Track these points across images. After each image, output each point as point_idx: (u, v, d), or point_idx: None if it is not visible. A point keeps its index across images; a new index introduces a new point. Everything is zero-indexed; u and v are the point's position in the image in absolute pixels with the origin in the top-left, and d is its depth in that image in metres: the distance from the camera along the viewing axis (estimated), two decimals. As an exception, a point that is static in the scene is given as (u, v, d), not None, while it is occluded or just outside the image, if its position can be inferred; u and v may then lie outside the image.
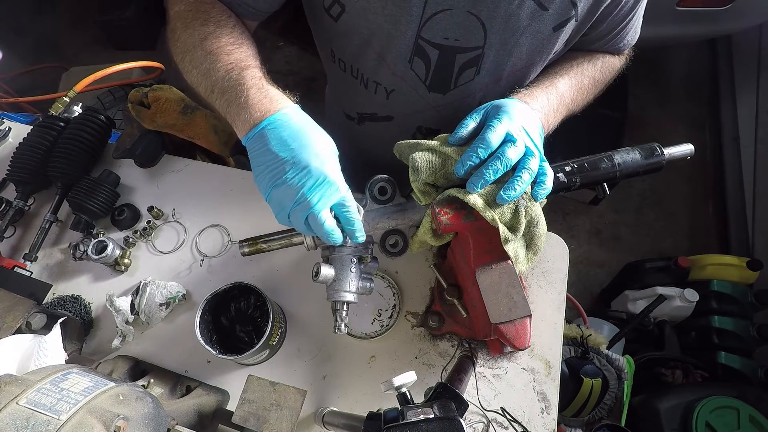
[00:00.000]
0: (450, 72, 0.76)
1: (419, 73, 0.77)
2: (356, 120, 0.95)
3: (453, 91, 0.79)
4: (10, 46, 2.26)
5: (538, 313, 0.80)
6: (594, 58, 0.83)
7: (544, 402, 0.76)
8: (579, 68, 0.80)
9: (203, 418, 0.70)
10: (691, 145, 0.73)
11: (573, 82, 0.78)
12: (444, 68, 0.75)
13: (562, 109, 0.76)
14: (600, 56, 0.84)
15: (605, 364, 1.31)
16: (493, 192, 0.60)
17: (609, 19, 0.74)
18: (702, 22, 1.93)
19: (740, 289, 1.72)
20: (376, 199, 0.68)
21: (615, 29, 0.77)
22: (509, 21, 0.67)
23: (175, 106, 1.01)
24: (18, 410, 0.44)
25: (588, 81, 0.81)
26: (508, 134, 0.61)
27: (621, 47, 0.83)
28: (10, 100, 1.80)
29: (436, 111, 0.85)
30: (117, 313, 0.82)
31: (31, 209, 1.02)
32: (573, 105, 0.79)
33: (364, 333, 0.81)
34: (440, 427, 0.51)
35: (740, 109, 2.26)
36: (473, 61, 0.74)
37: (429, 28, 0.69)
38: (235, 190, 0.99)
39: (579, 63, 0.81)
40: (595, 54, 0.83)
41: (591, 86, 0.82)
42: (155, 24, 3.06)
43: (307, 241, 0.67)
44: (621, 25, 0.77)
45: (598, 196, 0.78)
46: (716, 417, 1.34)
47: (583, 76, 0.80)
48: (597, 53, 0.84)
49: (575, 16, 0.68)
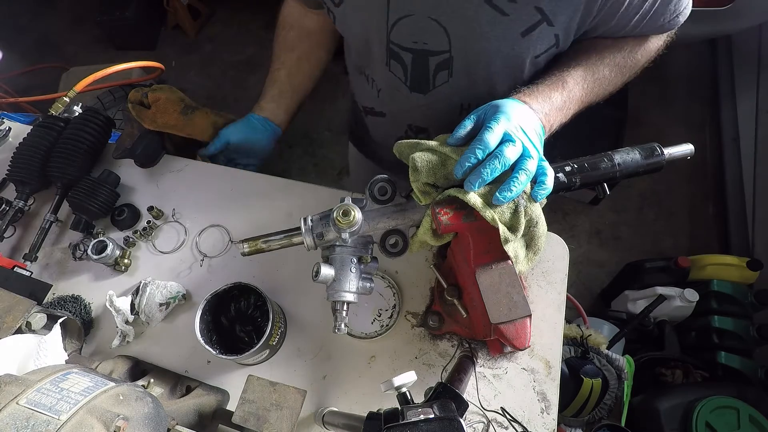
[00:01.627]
0: (426, 73, 0.77)
1: (398, 75, 0.79)
2: (363, 113, 0.99)
3: (432, 91, 0.80)
4: (10, 46, 2.26)
5: (538, 313, 0.80)
6: (619, 43, 0.76)
7: (544, 402, 0.76)
8: (598, 57, 0.74)
9: (203, 418, 0.70)
10: (691, 145, 0.73)
11: (587, 73, 0.73)
12: (420, 70, 0.76)
13: (570, 105, 0.73)
14: (631, 40, 0.76)
15: (605, 364, 1.31)
16: (493, 192, 0.60)
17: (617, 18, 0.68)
18: (702, 22, 1.93)
19: (740, 289, 1.71)
20: (376, 199, 0.68)
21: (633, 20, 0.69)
22: (469, 26, 0.67)
23: (175, 106, 1.01)
24: (18, 410, 0.44)
25: (609, 69, 0.75)
26: (506, 134, 0.60)
27: (659, 28, 0.73)
28: (10, 100, 1.80)
29: (422, 110, 0.86)
30: (117, 313, 0.82)
31: (31, 209, 1.02)
32: (589, 97, 0.75)
33: (364, 333, 0.81)
34: (440, 427, 0.51)
35: (740, 109, 2.26)
36: (444, 63, 0.74)
37: (397, 33, 0.71)
38: (235, 190, 0.99)
39: (599, 51, 0.75)
40: (624, 38, 0.76)
41: (615, 74, 0.76)
42: (155, 24, 3.07)
43: (307, 241, 0.67)
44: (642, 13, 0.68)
45: (598, 196, 0.77)
46: (716, 417, 1.34)
47: (603, 65, 0.74)
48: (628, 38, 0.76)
49: (545, 20, 0.65)
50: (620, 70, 0.77)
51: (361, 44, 0.79)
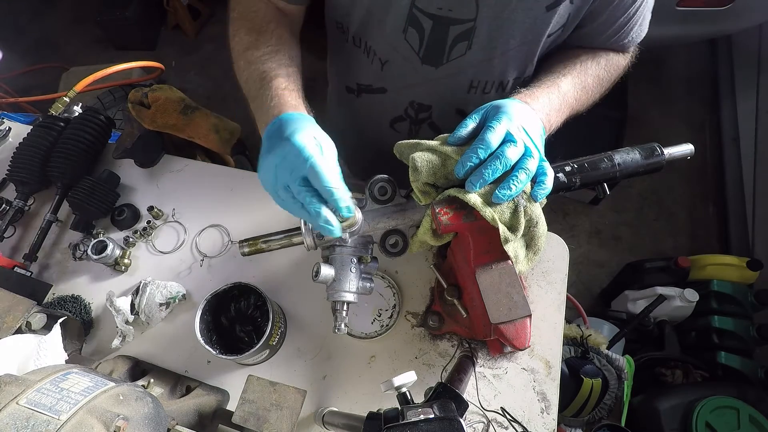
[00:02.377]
0: (443, 44, 0.76)
1: (413, 44, 0.78)
2: (355, 92, 0.95)
3: (446, 65, 0.79)
4: (10, 46, 2.26)
5: (538, 313, 0.80)
6: (598, 56, 0.82)
7: (544, 402, 0.76)
8: (582, 67, 0.79)
9: (203, 418, 0.70)
10: (691, 145, 0.73)
11: (576, 81, 0.77)
12: (437, 40, 0.75)
13: (565, 109, 0.75)
14: (604, 54, 0.83)
15: (605, 364, 1.31)
16: (492, 191, 0.60)
17: (608, 10, 0.72)
18: (702, 22, 1.93)
19: (740, 289, 1.71)
20: (376, 199, 0.68)
21: (616, 23, 0.75)
22: None
23: (175, 106, 1.01)
24: (18, 410, 0.44)
25: (592, 80, 0.80)
26: (508, 134, 0.60)
27: (626, 44, 0.81)
28: (10, 100, 1.80)
29: (429, 86, 0.84)
30: (117, 313, 0.82)
31: (31, 209, 1.02)
32: (577, 104, 0.79)
33: (364, 333, 0.81)
34: (440, 427, 0.51)
35: (740, 109, 2.26)
36: (465, 34, 0.73)
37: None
38: (235, 190, 0.99)
39: (582, 61, 0.80)
40: (598, 52, 0.82)
41: (596, 85, 0.81)
42: (155, 24, 3.07)
43: (307, 241, 0.67)
44: (623, 19, 0.75)
45: (598, 196, 0.77)
46: (716, 417, 1.34)
47: (587, 75, 0.79)
48: (601, 51, 0.82)
49: None
50: (599, 81, 0.81)
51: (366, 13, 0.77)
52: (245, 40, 0.76)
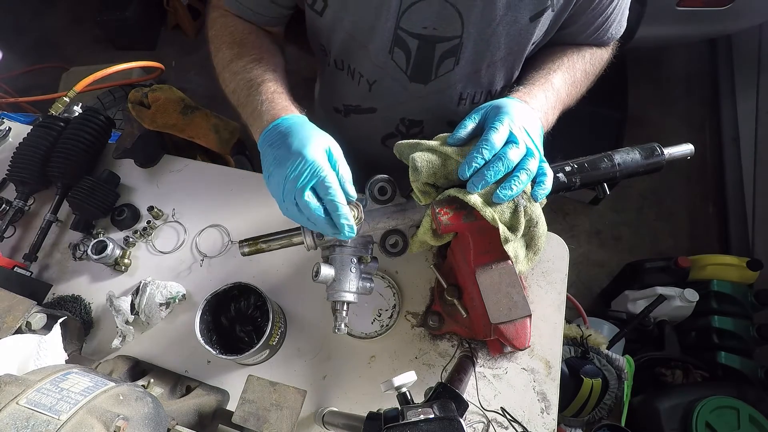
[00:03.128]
0: (430, 62, 0.76)
1: (400, 64, 0.78)
2: (343, 113, 0.96)
3: (434, 81, 0.80)
4: (10, 46, 2.26)
5: (538, 313, 0.80)
6: (583, 51, 0.83)
7: (544, 402, 0.76)
8: (570, 62, 0.80)
9: (203, 418, 0.70)
10: (691, 145, 0.73)
11: (567, 76, 0.78)
12: (424, 58, 0.76)
13: (559, 106, 0.76)
14: (588, 49, 0.84)
15: (605, 364, 1.31)
16: (493, 191, 0.60)
17: (586, 13, 0.74)
18: (702, 22, 1.93)
19: (740, 289, 1.71)
20: (376, 199, 0.68)
21: (595, 23, 0.77)
22: (485, 10, 0.67)
23: (175, 106, 1.01)
24: (18, 410, 0.44)
25: (580, 74, 0.81)
26: (510, 135, 0.61)
27: (606, 40, 0.84)
28: (10, 100, 1.80)
29: (419, 102, 0.85)
30: (117, 313, 0.82)
31: (31, 209, 1.02)
32: (568, 99, 0.80)
33: (364, 333, 0.81)
34: (440, 427, 0.51)
35: (740, 109, 2.26)
36: (452, 50, 0.74)
37: (407, 18, 0.70)
38: (235, 190, 0.99)
39: (569, 57, 0.81)
40: (582, 47, 0.84)
41: (583, 79, 0.83)
42: (155, 24, 3.06)
43: (307, 241, 0.67)
44: (601, 19, 0.77)
45: (598, 196, 0.77)
46: (716, 417, 1.34)
47: (575, 69, 0.80)
48: (584, 46, 0.84)
49: (551, 6, 0.68)
50: (586, 75, 0.83)
51: (348, 38, 0.77)
52: (227, 54, 0.76)
